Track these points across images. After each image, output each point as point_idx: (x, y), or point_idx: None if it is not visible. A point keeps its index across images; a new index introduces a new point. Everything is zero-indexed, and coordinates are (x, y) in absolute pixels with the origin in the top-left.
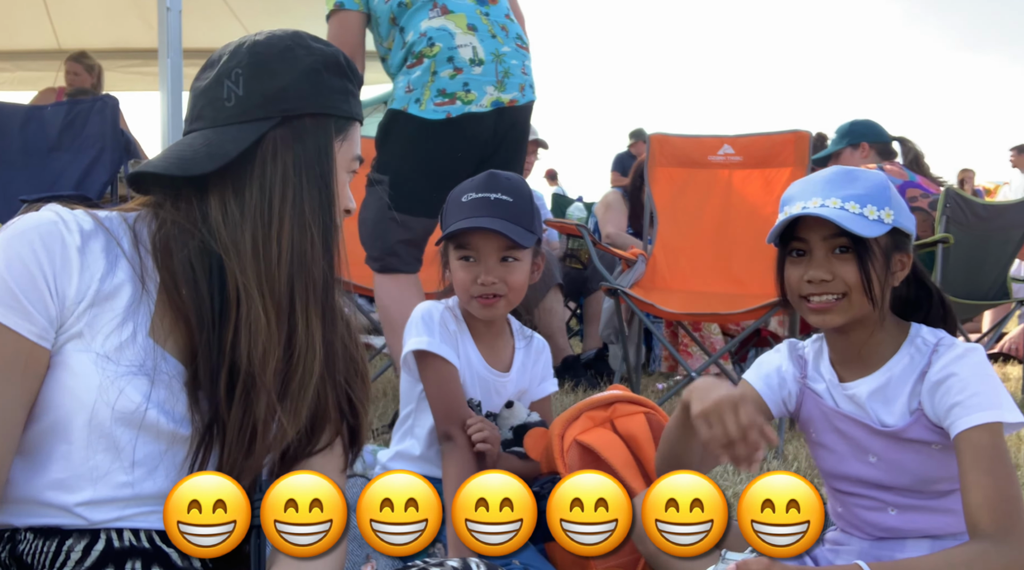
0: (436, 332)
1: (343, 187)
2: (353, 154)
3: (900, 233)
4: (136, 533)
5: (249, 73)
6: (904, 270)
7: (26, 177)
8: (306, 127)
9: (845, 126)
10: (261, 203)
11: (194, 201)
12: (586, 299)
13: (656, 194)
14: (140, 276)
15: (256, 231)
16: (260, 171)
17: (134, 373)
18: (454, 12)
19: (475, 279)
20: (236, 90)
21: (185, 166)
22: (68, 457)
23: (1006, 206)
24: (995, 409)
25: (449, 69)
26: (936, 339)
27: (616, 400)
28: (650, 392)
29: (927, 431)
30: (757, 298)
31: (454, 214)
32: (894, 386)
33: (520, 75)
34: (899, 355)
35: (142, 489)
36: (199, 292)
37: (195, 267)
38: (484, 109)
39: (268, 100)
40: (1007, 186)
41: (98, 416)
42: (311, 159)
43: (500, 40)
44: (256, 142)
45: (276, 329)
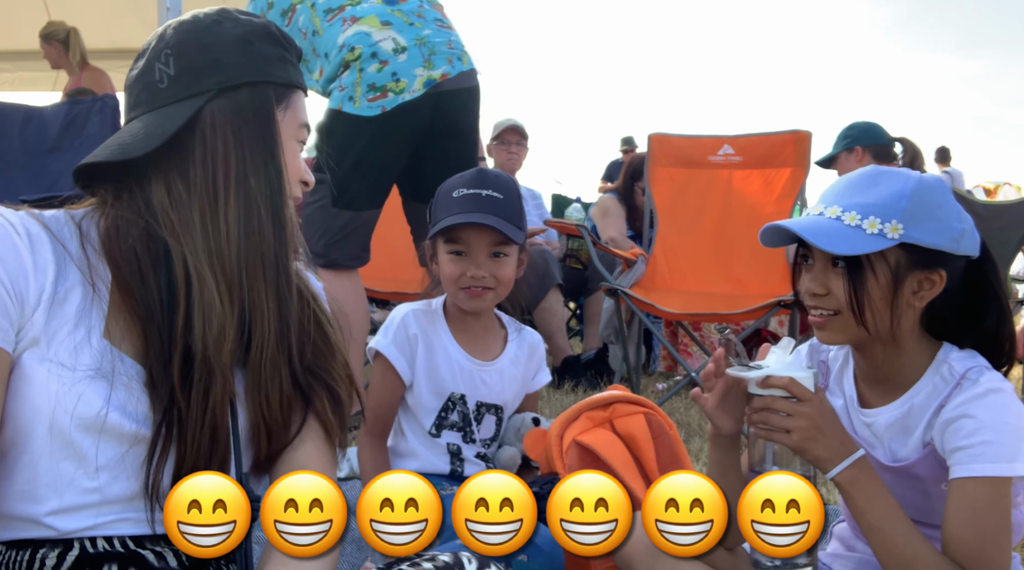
0: (391, 335)
1: (294, 157)
2: (299, 122)
3: (927, 249)
4: (109, 538)
5: (179, 51)
6: (934, 290)
7: (26, 177)
8: (243, 97)
9: (843, 129)
10: (206, 178)
11: (136, 190)
12: (586, 299)
13: (656, 194)
14: (89, 278)
15: (204, 208)
16: (201, 146)
17: (91, 377)
18: (363, 17)
19: (464, 273)
20: (168, 71)
21: (125, 150)
22: (32, 467)
23: (1006, 206)
24: (1003, 463)
25: (375, 63)
26: (964, 369)
27: (615, 400)
28: (650, 392)
29: (936, 467)
30: (757, 298)
31: (445, 209)
32: (913, 416)
33: (446, 49)
34: (922, 382)
35: (109, 493)
36: (145, 281)
37: (140, 256)
38: (417, 93)
39: (201, 74)
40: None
41: (58, 424)
42: (252, 129)
43: (419, 26)
44: (194, 117)
45: (230, 308)
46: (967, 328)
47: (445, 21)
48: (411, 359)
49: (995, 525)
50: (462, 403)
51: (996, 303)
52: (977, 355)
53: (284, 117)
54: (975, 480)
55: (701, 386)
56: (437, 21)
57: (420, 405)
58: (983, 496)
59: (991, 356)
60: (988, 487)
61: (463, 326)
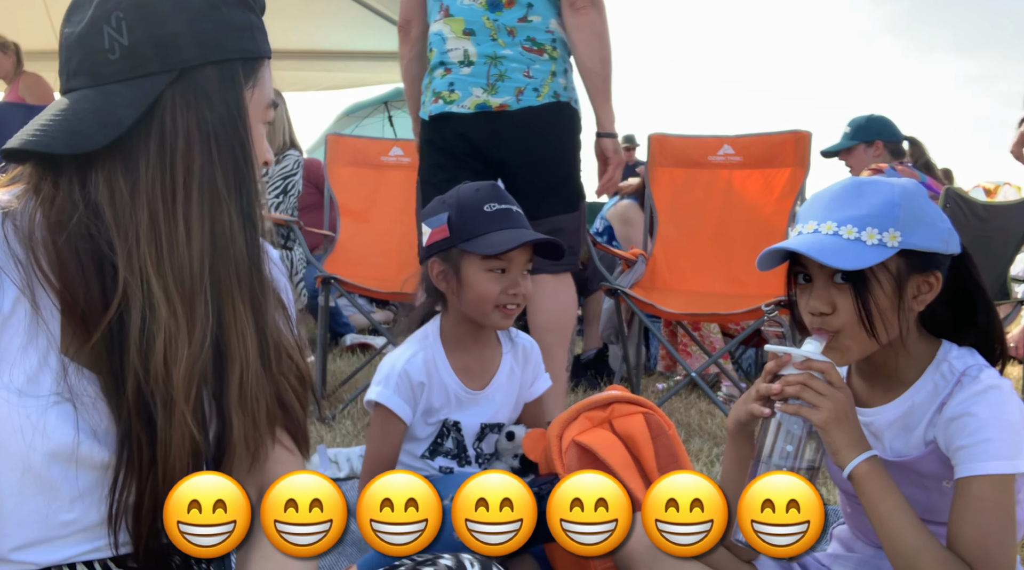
0: (393, 385)
1: (260, 141)
2: (266, 101)
3: (922, 253)
4: (89, 563)
5: (133, 16)
6: (932, 292)
7: None
8: (210, 79)
9: (861, 120)
10: (162, 176)
11: (76, 176)
12: (586, 299)
13: (656, 194)
14: (28, 286)
15: (156, 210)
16: (158, 138)
17: (55, 403)
18: (453, 16)
19: (505, 290)
20: (119, 39)
21: (75, 141)
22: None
23: (1006, 206)
24: (1006, 460)
25: (441, 70)
26: (964, 367)
27: (614, 400)
28: (650, 393)
29: (940, 465)
30: (757, 298)
31: (481, 224)
32: (914, 415)
33: (521, 78)
34: (923, 380)
35: (87, 521)
36: (90, 289)
37: (83, 260)
38: (465, 110)
39: (160, 50)
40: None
41: (28, 461)
42: (220, 117)
43: (502, 43)
44: (151, 103)
45: (185, 328)
46: (963, 325)
47: (539, 44)
48: (415, 403)
49: (999, 522)
50: (456, 430)
51: (982, 296)
52: (976, 353)
53: (252, 96)
54: (978, 479)
55: (701, 386)
56: (529, 42)
57: (411, 434)
58: (986, 494)
59: (986, 353)
60: (991, 485)
61: (462, 350)
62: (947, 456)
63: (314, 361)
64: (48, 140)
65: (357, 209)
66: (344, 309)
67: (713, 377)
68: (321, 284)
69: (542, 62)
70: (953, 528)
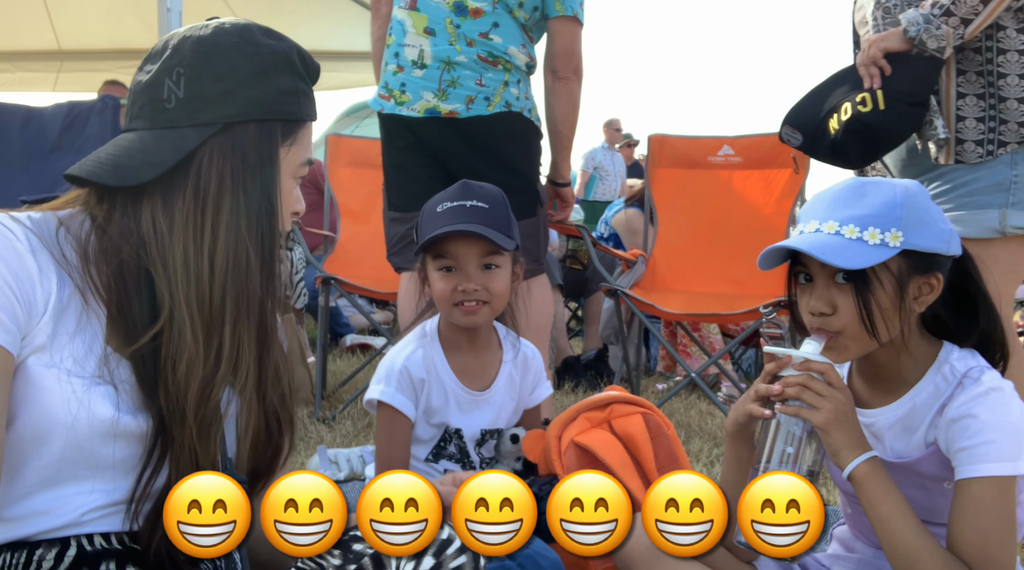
0: (394, 383)
1: (289, 194)
2: (302, 159)
3: (923, 254)
4: (106, 535)
5: (191, 74)
6: (933, 293)
7: (26, 178)
8: (249, 135)
9: None
10: (194, 216)
11: (128, 207)
12: (586, 300)
13: (656, 195)
14: (90, 287)
15: (188, 246)
16: (194, 181)
17: (98, 383)
18: (419, 10)
19: (455, 287)
20: (177, 91)
21: (121, 175)
22: (40, 472)
23: None
24: (1007, 461)
25: (394, 64)
26: (965, 368)
27: (613, 401)
28: (650, 393)
29: (940, 466)
30: (757, 299)
31: (429, 225)
32: (915, 416)
33: (473, 86)
34: (924, 382)
35: (117, 495)
36: (132, 303)
37: (127, 277)
38: (415, 114)
39: (209, 105)
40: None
41: (74, 431)
42: (252, 170)
43: (459, 49)
44: (193, 150)
45: (204, 350)
46: (965, 327)
47: (496, 55)
48: (416, 400)
49: (999, 524)
50: (458, 437)
51: (983, 299)
52: (977, 355)
53: (288, 153)
54: (979, 480)
55: (701, 386)
56: (486, 53)
57: (414, 435)
58: (987, 495)
59: (988, 355)
60: (992, 486)
61: (458, 349)
62: (948, 457)
63: (314, 361)
64: (100, 171)
65: (357, 209)
66: (344, 309)
67: (713, 378)
68: (321, 284)
69: (495, 71)
70: (953, 529)
